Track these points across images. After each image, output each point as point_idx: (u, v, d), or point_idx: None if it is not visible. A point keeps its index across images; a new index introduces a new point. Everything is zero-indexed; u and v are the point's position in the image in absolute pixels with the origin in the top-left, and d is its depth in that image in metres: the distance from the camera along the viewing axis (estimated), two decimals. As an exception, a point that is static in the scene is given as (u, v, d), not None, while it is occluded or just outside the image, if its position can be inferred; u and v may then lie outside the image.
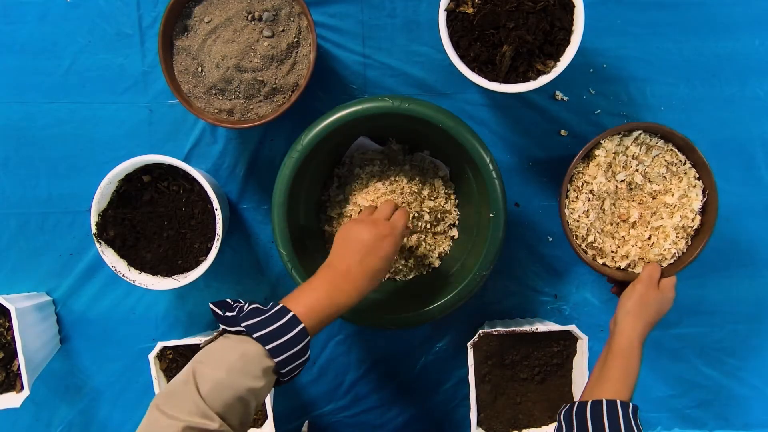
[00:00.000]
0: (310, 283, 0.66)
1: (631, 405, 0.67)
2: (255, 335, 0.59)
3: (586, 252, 0.85)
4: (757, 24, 0.90)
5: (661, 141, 0.83)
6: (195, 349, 0.87)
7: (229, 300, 0.64)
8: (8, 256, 0.94)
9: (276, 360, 0.58)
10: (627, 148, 0.82)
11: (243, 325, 0.60)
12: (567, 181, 0.82)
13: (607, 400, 0.67)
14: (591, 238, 0.83)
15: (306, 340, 0.61)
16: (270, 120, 0.80)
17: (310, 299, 0.63)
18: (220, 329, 0.62)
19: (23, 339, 0.83)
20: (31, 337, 0.86)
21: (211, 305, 0.63)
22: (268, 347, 0.58)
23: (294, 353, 0.60)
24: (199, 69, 0.81)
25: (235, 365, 0.56)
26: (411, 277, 0.89)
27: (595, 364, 0.76)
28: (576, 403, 0.69)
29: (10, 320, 0.84)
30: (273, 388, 0.67)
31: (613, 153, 0.82)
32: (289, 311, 0.61)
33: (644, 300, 0.77)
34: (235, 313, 0.62)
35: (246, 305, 0.63)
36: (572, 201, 0.83)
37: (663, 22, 0.90)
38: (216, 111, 0.82)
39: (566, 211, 0.83)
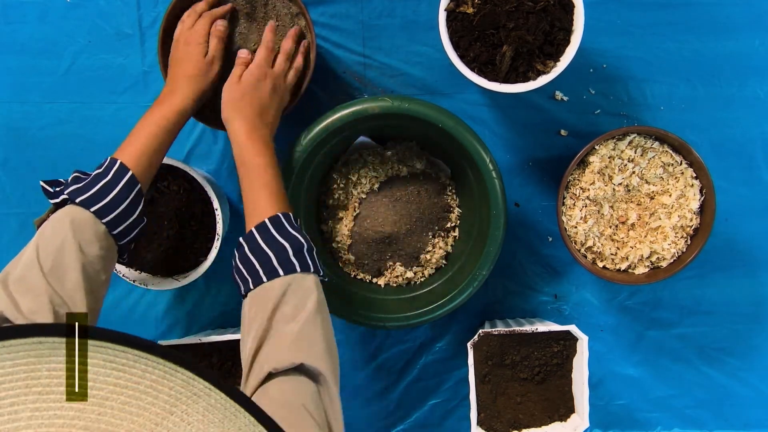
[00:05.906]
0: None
1: (276, 216, 0.63)
2: (78, 200, 0.58)
3: (585, 257, 0.85)
4: (757, 24, 0.90)
5: (657, 143, 0.83)
6: (195, 348, 0.87)
7: (61, 180, 0.64)
8: (8, 256, 0.93)
9: (104, 221, 0.59)
10: (622, 151, 0.82)
11: (66, 192, 0.59)
12: (563, 189, 0.82)
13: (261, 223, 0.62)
14: (590, 243, 0.83)
15: (136, 189, 0.61)
16: (271, 120, 0.80)
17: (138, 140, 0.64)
18: (50, 207, 0.62)
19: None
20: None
21: (41, 183, 0.63)
22: (92, 210, 0.58)
23: (122, 211, 0.60)
24: None
25: (67, 236, 0.56)
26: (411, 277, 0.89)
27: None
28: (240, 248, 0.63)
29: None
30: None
31: (608, 157, 0.82)
32: (116, 161, 0.62)
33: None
34: (62, 186, 0.62)
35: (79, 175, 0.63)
36: (569, 208, 0.83)
37: (663, 22, 0.90)
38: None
39: (563, 218, 0.83)
